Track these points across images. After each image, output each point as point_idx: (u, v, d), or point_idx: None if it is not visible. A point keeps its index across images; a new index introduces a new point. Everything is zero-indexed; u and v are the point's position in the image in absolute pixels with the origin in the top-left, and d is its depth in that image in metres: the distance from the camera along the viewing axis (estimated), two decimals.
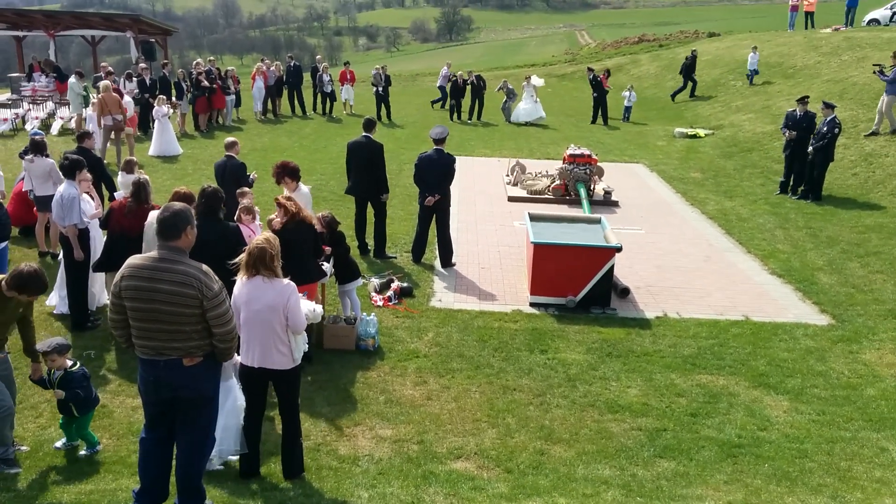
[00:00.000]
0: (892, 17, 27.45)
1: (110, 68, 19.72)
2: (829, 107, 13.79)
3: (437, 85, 26.96)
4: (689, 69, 26.00)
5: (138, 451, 4.74)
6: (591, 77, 23.54)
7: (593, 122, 23.32)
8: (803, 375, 7.29)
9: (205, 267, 4.38)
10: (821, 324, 8.58)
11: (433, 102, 26.36)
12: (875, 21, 30.03)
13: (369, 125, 10.37)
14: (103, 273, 8.06)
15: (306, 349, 5.37)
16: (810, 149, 13.71)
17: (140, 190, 7.69)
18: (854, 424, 6.40)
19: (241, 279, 5.07)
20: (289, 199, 7.08)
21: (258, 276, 4.99)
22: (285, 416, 5.31)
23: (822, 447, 6.03)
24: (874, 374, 7.34)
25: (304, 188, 8.60)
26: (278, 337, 5.02)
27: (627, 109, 23.75)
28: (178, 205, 4.44)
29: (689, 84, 26.07)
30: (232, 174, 9.75)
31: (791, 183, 14.27)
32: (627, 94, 23.73)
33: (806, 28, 29.70)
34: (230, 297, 4.49)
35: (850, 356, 7.76)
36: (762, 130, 19.28)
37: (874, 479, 5.61)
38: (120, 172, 10.34)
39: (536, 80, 23.57)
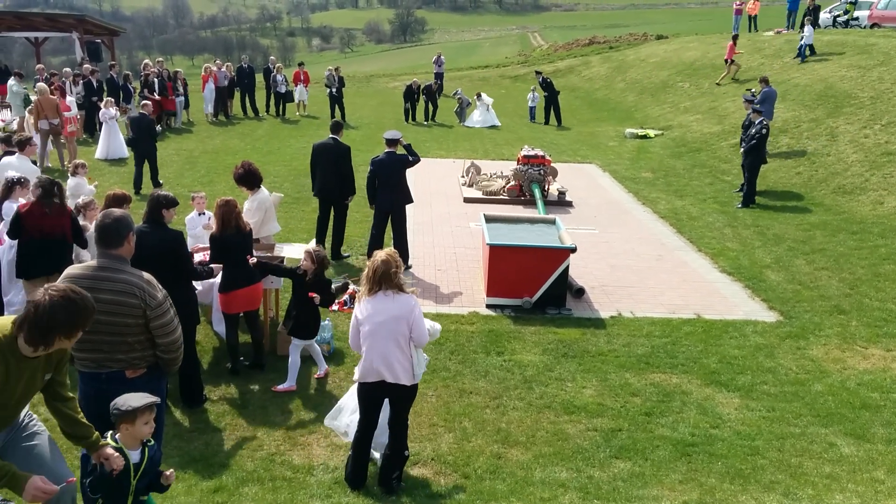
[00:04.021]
0: (834, 20, 28.12)
1: (55, 70, 19.12)
2: (748, 101, 14.73)
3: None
4: (812, 12, 23.72)
5: (80, 468, 4.55)
6: (540, 80, 23.87)
7: (546, 122, 23.57)
8: (753, 372, 7.42)
9: (147, 275, 4.25)
10: (769, 320, 8.75)
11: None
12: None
13: (336, 127, 10.35)
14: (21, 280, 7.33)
15: (425, 370, 5.34)
16: (742, 150, 14.01)
17: (54, 189, 7.04)
18: (803, 420, 6.53)
19: (363, 297, 5.11)
20: (226, 203, 6.89)
21: (381, 293, 5.04)
22: (394, 428, 5.30)
23: (772, 444, 6.13)
24: (821, 370, 7.51)
25: (263, 192, 8.43)
26: (401, 349, 5.07)
27: (532, 110, 24.62)
28: (118, 211, 4.30)
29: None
30: (147, 128, 13.64)
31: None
32: (531, 95, 24.67)
33: (750, 31, 30.36)
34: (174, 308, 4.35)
35: (798, 352, 7.92)
36: (709, 131, 19.65)
37: (824, 474, 5.72)
38: (69, 177, 10.05)
39: (487, 99, 23.76)
